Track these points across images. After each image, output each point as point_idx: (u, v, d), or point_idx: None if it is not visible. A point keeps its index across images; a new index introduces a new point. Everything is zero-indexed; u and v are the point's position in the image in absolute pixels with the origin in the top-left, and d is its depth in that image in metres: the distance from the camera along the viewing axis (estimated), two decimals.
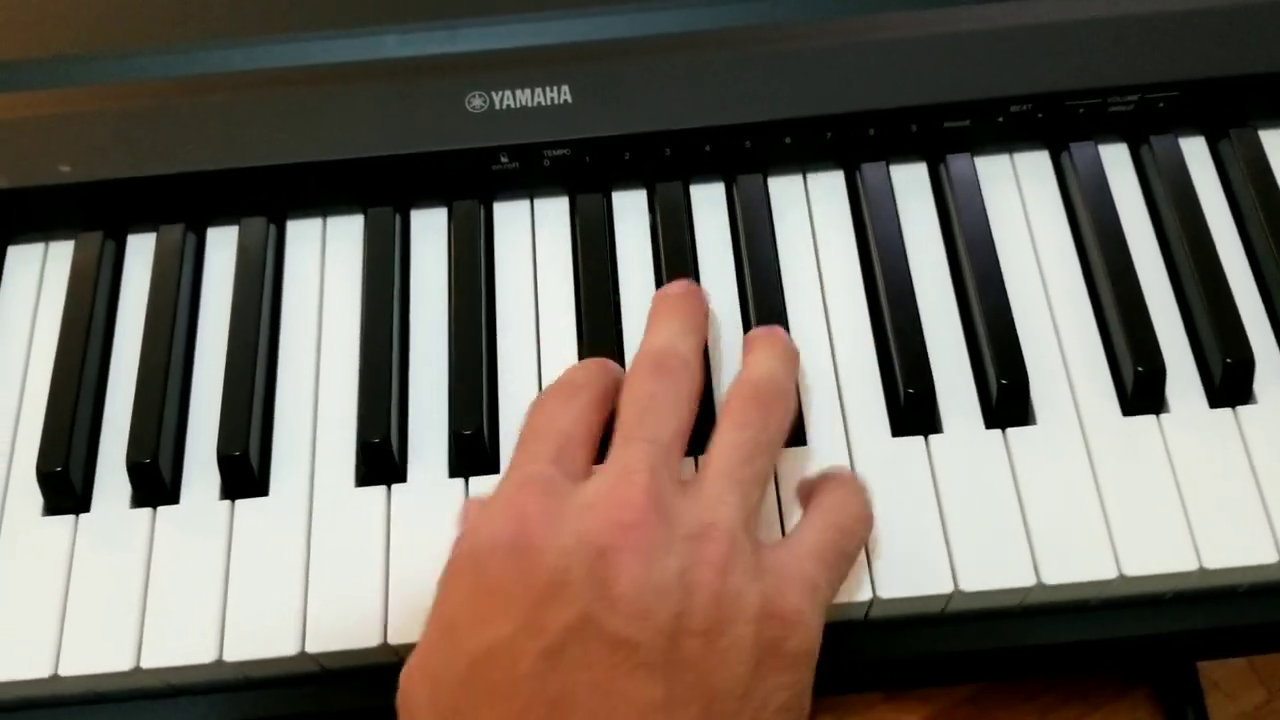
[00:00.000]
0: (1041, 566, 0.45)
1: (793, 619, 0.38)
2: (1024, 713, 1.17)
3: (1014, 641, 0.48)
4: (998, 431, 0.48)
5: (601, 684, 0.36)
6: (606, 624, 0.36)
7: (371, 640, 0.45)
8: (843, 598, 0.45)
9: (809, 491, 0.45)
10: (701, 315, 0.47)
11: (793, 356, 0.46)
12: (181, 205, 0.54)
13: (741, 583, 0.38)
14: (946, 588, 0.45)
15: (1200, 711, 1.14)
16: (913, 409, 0.48)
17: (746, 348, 0.46)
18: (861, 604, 0.46)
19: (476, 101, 0.53)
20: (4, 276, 0.55)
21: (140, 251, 0.55)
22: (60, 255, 0.55)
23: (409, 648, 0.45)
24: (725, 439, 0.41)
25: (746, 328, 0.51)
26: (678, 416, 0.42)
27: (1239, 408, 0.49)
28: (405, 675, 0.39)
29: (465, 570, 0.39)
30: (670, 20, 0.55)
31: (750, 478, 0.41)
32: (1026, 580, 0.45)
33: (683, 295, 0.47)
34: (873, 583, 0.45)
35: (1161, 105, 0.53)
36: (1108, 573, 0.45)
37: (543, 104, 0.53)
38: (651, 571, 0.37)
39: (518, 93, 0.53)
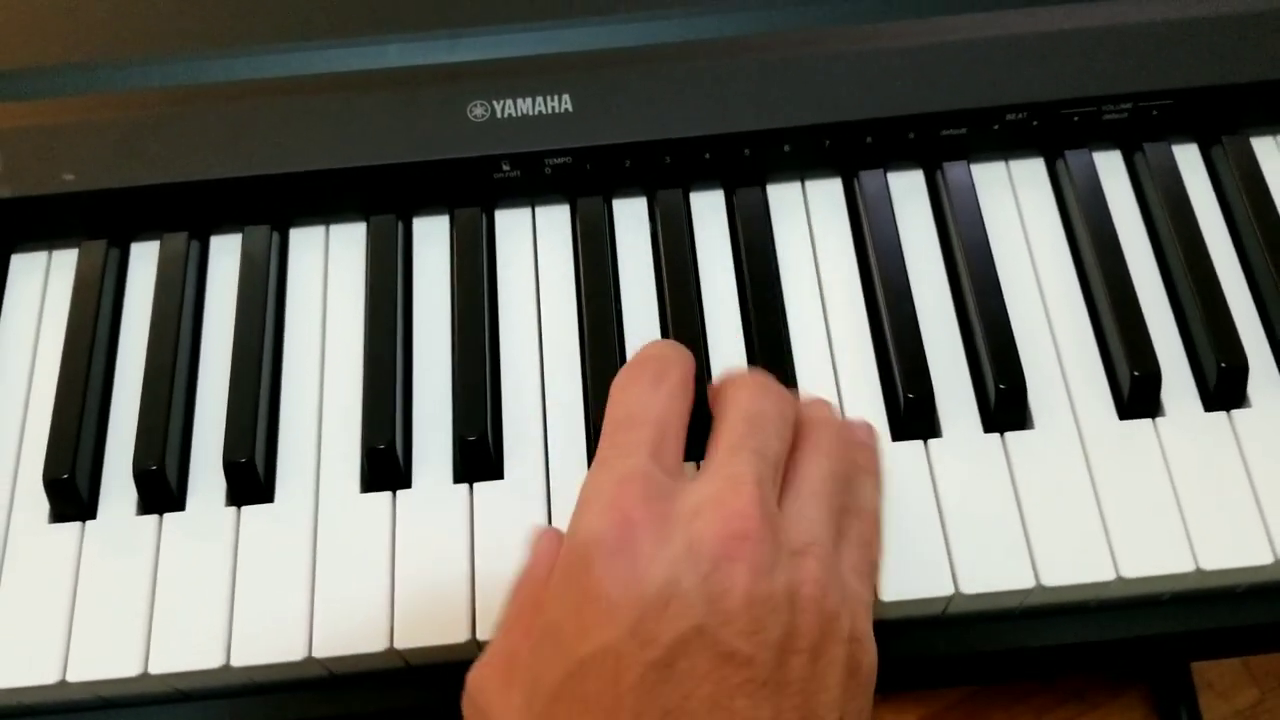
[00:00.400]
0: (1041, 569, 0.46)
1: (866, 641, 0.39)
2: (1019, 713, 1.18)
3: (1010, 644, 0.49)
4: (996, 436, 0.49)
5: (713, 699, 0.35)
6: (720, 637, 0.35)
7: (377, 645, 0.45)
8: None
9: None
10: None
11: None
12: (185, 214, 0.54)
13: (837, 603, 0.38)
14: (947, 590, 0.46)
15: (1194, 711, 1.15)
16: (912, 414, 0.49)
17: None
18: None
19: (478, 110, 0.54)
20: (7, 285, 0.55)
21: (144, 259, 0.55)
22: (63, 264, 0.55)
23: (415, 652, 0.45)
24: (817, 469, 0.41)
25: (747, 333, 0.52)
26: (783, 440, 0.41)
27: (1233, 411, 0.49)
28: (481, 677, 0.38)
29: (569, 573, 0.37)
30: (670, 30, 0.55)
31: (843, 506, 0.41)
32: (1026, 582, 0.46)
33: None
34: (875, 585, 0.46)
35: (1155, 113, 0.54)
36: (1106, 574, 0.46)
37: (544, 112, 0.54)
38: (763, 585, 0.36)
39: (519, 101, 0.54)
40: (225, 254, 0.55)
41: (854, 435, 0.45)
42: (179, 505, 0.49)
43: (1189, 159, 0.56)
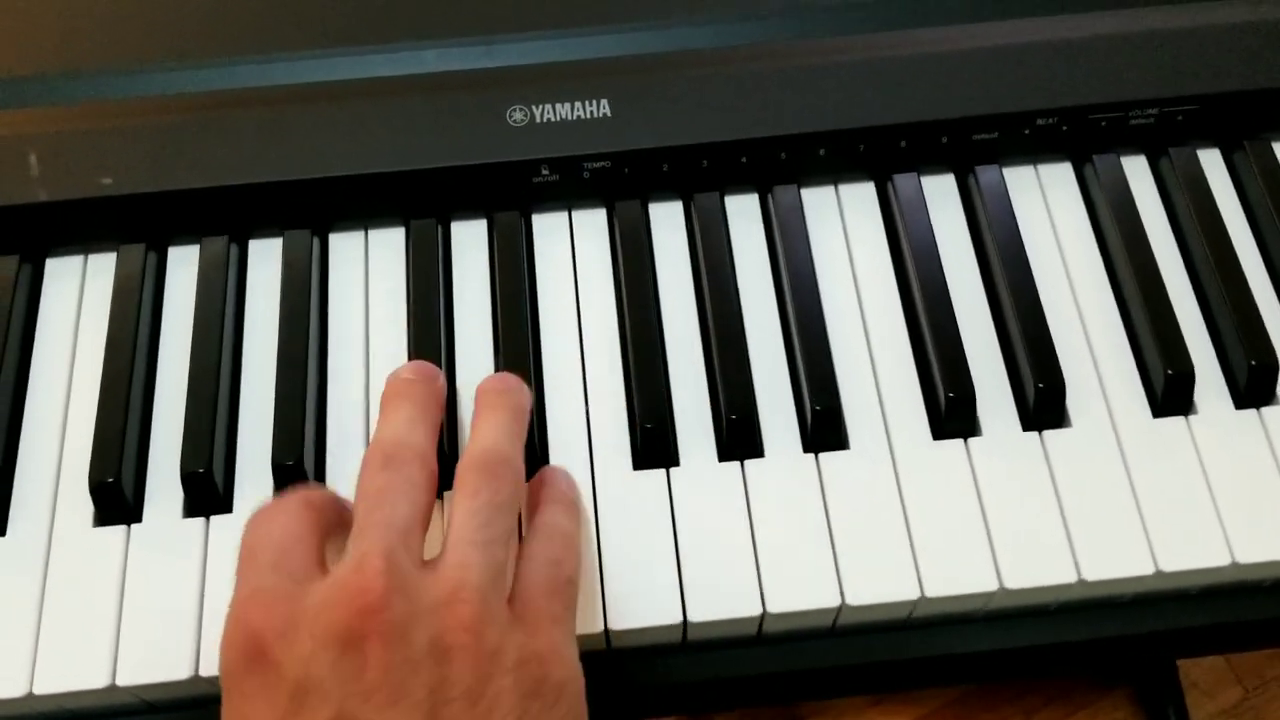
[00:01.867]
0: (1081, 564, 0.47)
1: (549, 655, 0.40)
2: (1008, 714, 1.19)
3: (998, 644, 0.50)
4: (1035, 434, 0.50)
5: None
6: (361, 714, 0.36)
7: None
8: (892, 596, 0.46)
9: (533, 496, 0.46)
10: (434, 400, 0.46)
11: (518, 418, 0.46)
12: (224, 218, 0.55)
13: (496, 637, 0.38)
14: (991, 585, 0.47)
15: (1180, 710, 1.16)
16: (953, 413, 0.49)
17: (477, 406, 0.47)
18: (906, 603, 0.47)
19: (517, 115, 0.54)
20: (44, 289, 0.55)
21: (183, 263, 0.55)
22: (100, 268, 0.55)
23: None
24: (460, 509, 0.41)
25: (786, 334, 0.52)
26: (411, 501, 0.41)
27: (1263, 409, 0.50)
28: None
29: (224, 707, 0.39)
30: (707, 35, 0.56)
31: (491, 539, 0.41)
32: (1068, 577, 0.47)
33: (412, 381, 0.46)
34: (920, 581, 0.47)
35: (1180, 118, 0.55)
36: (1145, 569, 0.47)
37: (582, 117, 0.54)
38: (400, 650, 0.37)
39: (558, 106, 0.54)
40: (265, 258, 0.55)
41: (547, 474, 0.47)
42: (226, 508, 0.49)
43: (1212, 162, 0.57)
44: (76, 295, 0.54)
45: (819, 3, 0.56)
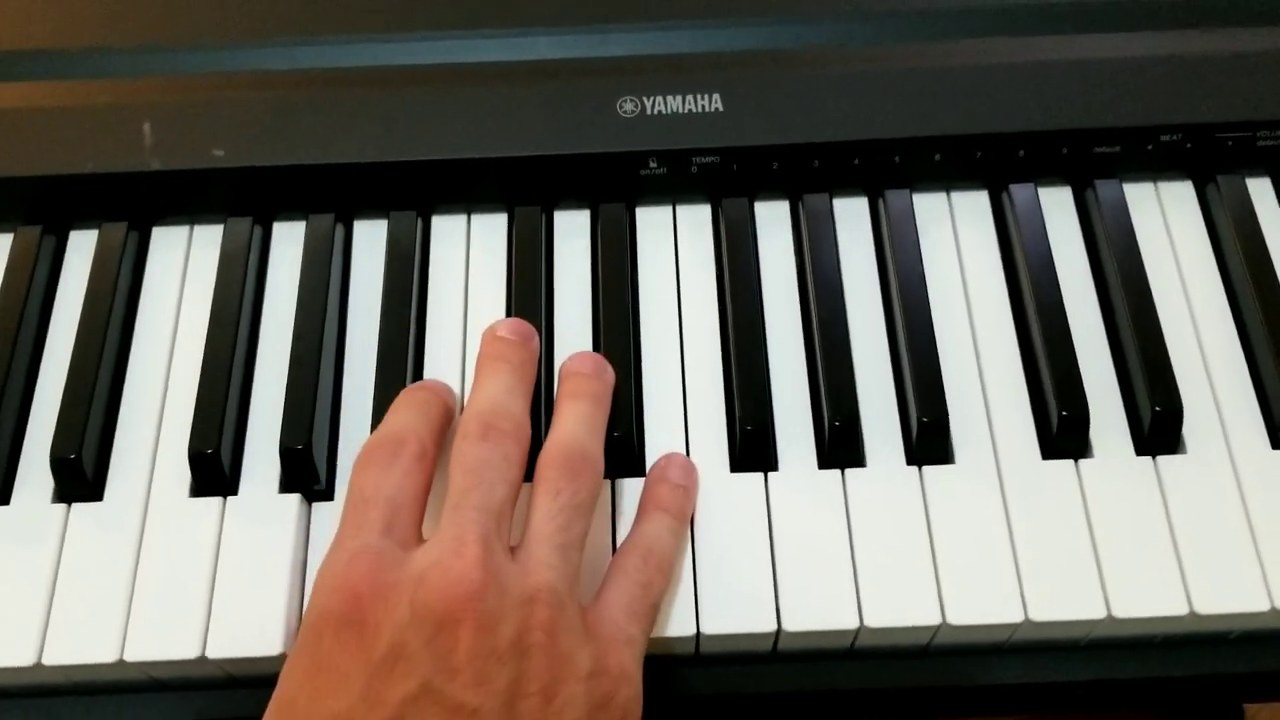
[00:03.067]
0: (1194, 596, 0.45)
1: (618, 674, 0.41)
2: None
3: (1062, 676, 0.48)
4: (1148, 459, 0.48)
5: None
6: (446, 691, 0.37)
7: None
8: (995, 618, 0.45)
9: (651, 487, 0.47)
10: (530, 364, 0.47)
11: (601, 407, 0.47)
12: (330, 195, 0.55)
13: (571, 644, 0.40)
14: (1098, 613, 0.45)
15: None
16: (1066, 432, 0.48)
17: (562, 387, 0.47)
18: (1007, 626, 0.46)
19: (628, 106, 0.54)
20: (149, 257, 0.55)
21: (287, 240, 0.55)
22: (206, 239, 0.55)
23: None
24: (541, 507, 0.42)
25: (893, 346, 0.51)
26: (506, 482, 0.42)
27: None
28: None
29: (302, 648, 0.40)
30: (822, 33, 0.55)
31: (568, 542, 0.42)
32: (1179, 609, 0.45)
33: (511, 342, 0.48)
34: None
35: None
36: (1260, 604, 0.45)
37: (694, 111, 0.54)
38: (489, 639, 0.38)
39: (669, 99, 0.54)
40: (369, 238, 0.55)
41: (662, 473, 0.47)
42: (326, 493, 0.49)
43: None
44: (181, 265, 0.55)
45: (937, 6, 0.55)
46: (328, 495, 0.49)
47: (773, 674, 0.48)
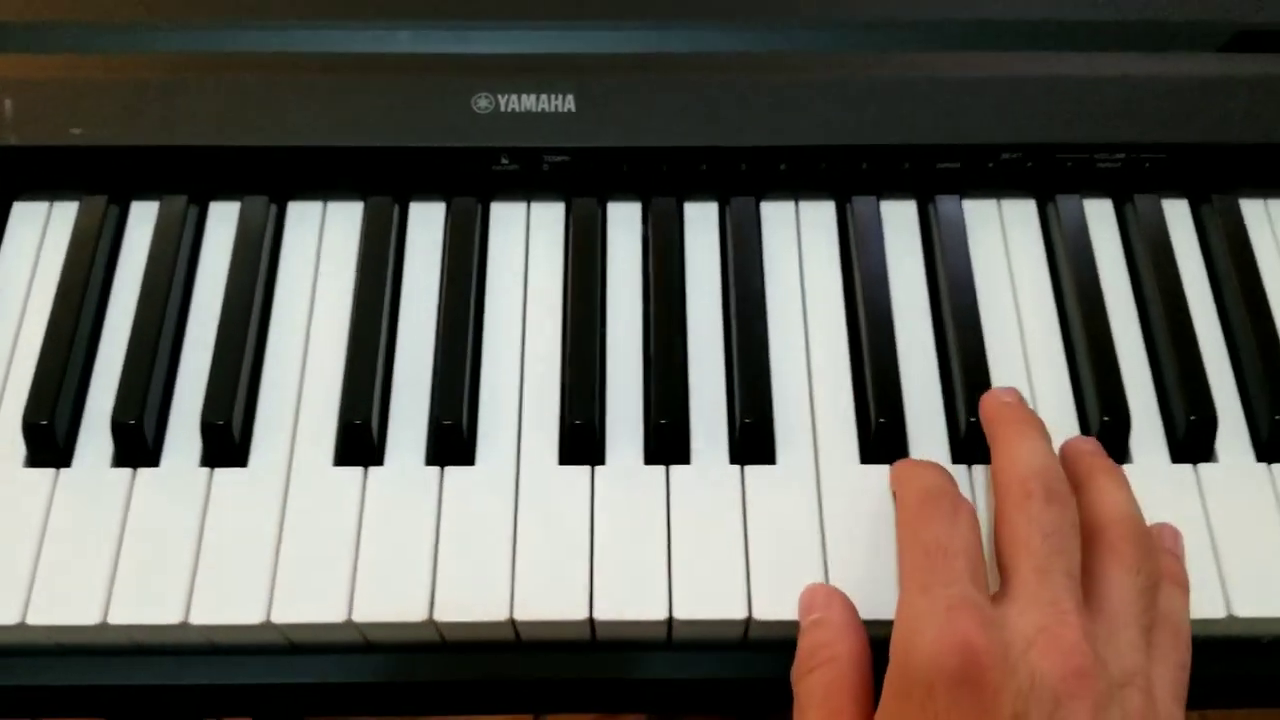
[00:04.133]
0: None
1: None
2: None
3: None
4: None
5: None
6: None
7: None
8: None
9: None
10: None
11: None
12: (185, 178, 0.55)
13: None
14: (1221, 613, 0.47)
15: None
16: (882, 438, 0.49)
17: (1087, 472, 0.46)
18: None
19: (482, 102, 0.54)
20: (7, 232, 0.55)
21: (144, 219, 0.56)
22: (65, 216, 0.56)
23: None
24: (1124, 582, 0.41)
25: (728, 346, 0.52)
26: (1079, 550, 0.42)
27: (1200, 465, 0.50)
28: None
29: (908, 697, 0.38)
30: (679, 40, 0.56)
31: (1149, 625, 0.41)
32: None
33: (1024, 406, 0.47)
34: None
35: (1147, 165, 0.55)
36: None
37: (547, 110, 0.54)
38: None
39: (523, 97, 0.55)
40: (224, 221, 0.56)
41: (1160, 542, 0.45)
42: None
43: (1179, 213, 0.56)
44: (38, 241, 0.55)
45: (791, 18, 0.56)
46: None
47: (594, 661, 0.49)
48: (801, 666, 0.43)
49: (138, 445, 0.49)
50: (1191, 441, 0.50)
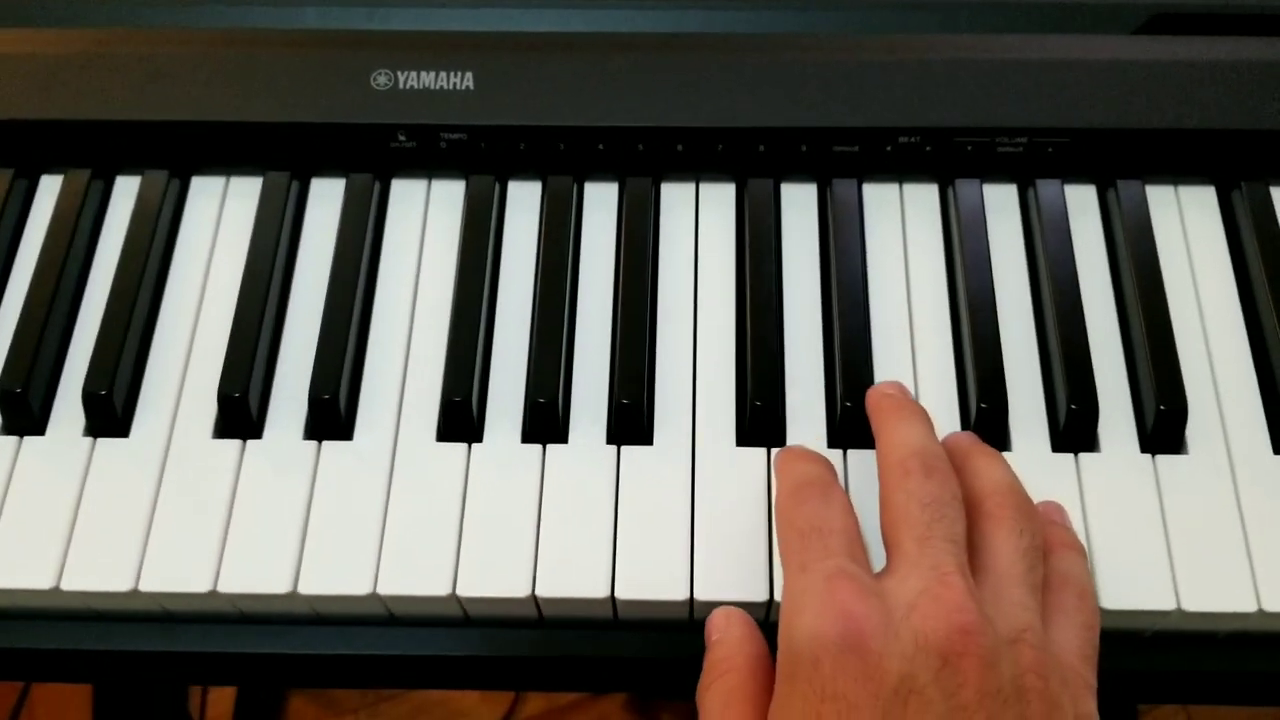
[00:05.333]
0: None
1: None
2: None
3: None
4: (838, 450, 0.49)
5: None
6: None
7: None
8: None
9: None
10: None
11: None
12: (90, 152, 0.56)
13: (1059, 688, 0.38)
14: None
15: None
16: (757, 420, 0.49)
17: (965, 455, 0.46)
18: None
19: (381, 79, 0.55)
20: None
21: (48, 193, 0.56)
22: None
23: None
24: (1007, 545, 0.41)
25: (614, 329, 0.52)
26: (962, 519, 0.42)
27: (1082, 454, 0.49)
28: None
29: (795, 673, 0.38)
30: (578, 20, 0.56)
31: (1035, 585, 0.41)
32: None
33: (906, 396, 0.48)
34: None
35: (1050, 150, 0.54)
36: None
37: (445, 88, 0.55)
38: (993, 678, 0.37)
39: (422, 74, 0.55)
40: (128, 195, 0.56)
41: (1046, 516, 0.46)
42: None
43: (1086, 199, 0.56)
44: None
45: (687, 1, 0.56)
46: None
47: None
48: (703, 682, 0.43)
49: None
50: (1072, 430, 0.49)
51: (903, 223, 0.55)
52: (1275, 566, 0.47)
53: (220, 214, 0.56)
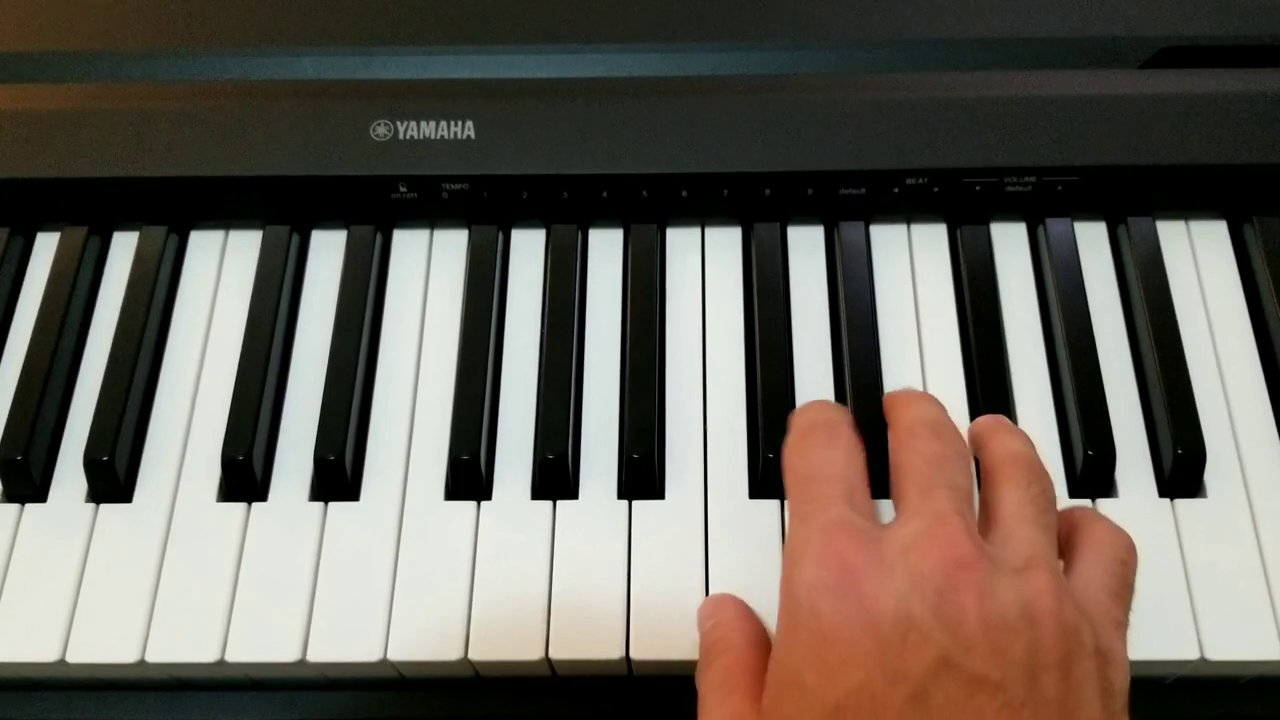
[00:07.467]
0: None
1: (1115, 657, 0.38)
2: None
3: None
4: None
5: None
6: (965, 664, 0.35)
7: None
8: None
9: (1064, 531, 0.43)
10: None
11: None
12: (88, 209, 0.55)
13: (1075, 615, 0.37)
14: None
15: None
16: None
17: (989, 431, 0.45)
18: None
19: (380, 130, 0.54)
20: None
21: (46, 248, 0.56)
22: None
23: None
24: (1015, 493, 0.41)
25: (622, 367, 0.52)
26: (967, 474, 0.41)
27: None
28: None
29: (797, 623, 0.38)
30: (578, 65, 0.56)
31: (1049, 525, 0.41)
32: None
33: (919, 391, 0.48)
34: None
35: (1060, 189, 0.54)
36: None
37: (445, 137, 0.54)
38: (993, 607, 0.36)
39: (422, 124, 0.54)
40: (126, 250, 0.56)
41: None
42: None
43: (1095, 235, 0.55)
44: None
45: (687, 42, 0.55)
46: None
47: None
48: (701, 664, 0.43)
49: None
50: (1089, 476, 0.49)
51: (911, 263, 0.55)
52: None
53: (220, 268, 0.55)
